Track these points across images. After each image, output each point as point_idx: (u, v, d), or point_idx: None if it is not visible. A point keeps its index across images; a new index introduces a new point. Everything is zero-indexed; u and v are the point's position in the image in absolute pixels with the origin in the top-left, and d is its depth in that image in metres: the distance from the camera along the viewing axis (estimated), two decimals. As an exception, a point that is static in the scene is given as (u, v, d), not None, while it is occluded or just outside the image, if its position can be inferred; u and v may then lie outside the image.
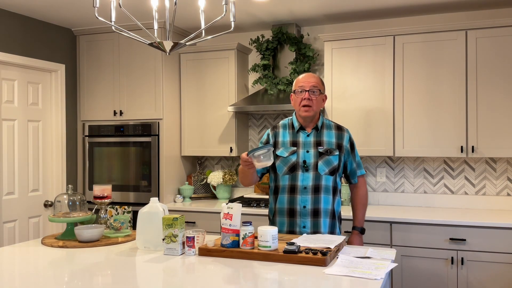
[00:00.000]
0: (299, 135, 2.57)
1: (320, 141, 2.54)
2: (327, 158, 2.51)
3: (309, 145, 2.54)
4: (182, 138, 4.32)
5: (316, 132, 2.57)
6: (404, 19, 3.97)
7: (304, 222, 2.50)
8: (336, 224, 2.58)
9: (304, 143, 2.55)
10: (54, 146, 4.15)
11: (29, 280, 1.91)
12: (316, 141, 2.55)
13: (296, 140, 2.57)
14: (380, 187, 4.04)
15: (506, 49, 3.41)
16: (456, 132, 3.52)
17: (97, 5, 2.10)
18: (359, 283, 1.80)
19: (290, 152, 2.54)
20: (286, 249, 2.08)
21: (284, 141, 2.59)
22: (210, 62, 4.21)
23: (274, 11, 3.82)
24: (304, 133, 2.57)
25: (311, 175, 2.50)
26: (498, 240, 3.14)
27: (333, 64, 3.83)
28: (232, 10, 2.20)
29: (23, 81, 3.88)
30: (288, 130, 2.61)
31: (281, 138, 2.60)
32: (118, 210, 2.77)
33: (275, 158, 2.57)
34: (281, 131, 2.62)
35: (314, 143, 2.54)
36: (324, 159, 2.51)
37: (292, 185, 2.53)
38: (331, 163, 2.52)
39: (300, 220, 2.50)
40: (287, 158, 2.54)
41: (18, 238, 3.81)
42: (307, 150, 2.53)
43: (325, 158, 2.51)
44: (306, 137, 2.56)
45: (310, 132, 2.57)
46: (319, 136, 2.56)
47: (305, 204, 2.50)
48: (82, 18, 3.99)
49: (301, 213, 2.51)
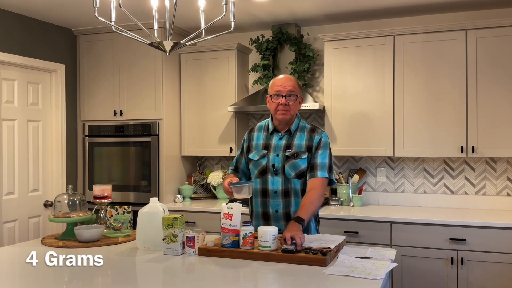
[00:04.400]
0: (272, 137, 2.56)
1: (290, 144, 2.51)
2: (293, 162, 2.47)
3: (279, 148, 2.52)
4: (182, 138, 4.32)
5: (289, 135, 2.54)
6: (404, 19, 3.96)
7: (279, 226, 2.47)
8: (311, 225, 2.52)
9: (276, 147, 2.53)
10: (54, 146, 4.15)
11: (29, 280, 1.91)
12: (286, 144, 2.51)
13: (269, 143, 2.55)
14: (380, 187, 4.04)
15: (506, 49, 3.41)
16: (456, 132, 3.52)
17: (97, 5, 2.10)
18: (359, 283, 1.80)
19: (261, 155, 2.54)
20: (284, 248, 2.08)
21: (258, 144, 2.58)
22: (210, 62, 4.21)
23: (274, 11, 3.82)
24: (277, 136, 2.55)
25: (280, 179, 2.48)
26: (498, 240, 3.14)
27: (333, 64, 3.83)
28: (232, 10, 2.20)
29: (23, 81, 3.88)
30: (263, 133, 2.60)
31: (254, 141, 2.60)
32: (118, 210, 2.77)
33: (248, 160, 2.59)
34: (255, 134, 2.62)
35: (284, 147, 2.51)
36: (290, 163, 2.47)
37: (263, 188, 2.52)
38: (297, 166, 2.47)
39: (275, 224, 2.49)
40: (257, 161, 2.54)
41: (18, 238, 3.80)
42: (277, 153, 2.51)
43: (291, 161, 2.47)
44: (278, 140, 2.54)
45: (283, 135, 2.54)
46: (290, 139, 2.52)
47: (277, 209, 2.50)
48: (82, 18, 3.99)
49: (274, 217, 2.51)
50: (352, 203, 3.89)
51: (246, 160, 2.63)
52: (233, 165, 2.71)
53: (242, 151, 2.67)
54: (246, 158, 2.63)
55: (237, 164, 2.68)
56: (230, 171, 2.72)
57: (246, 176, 2.66)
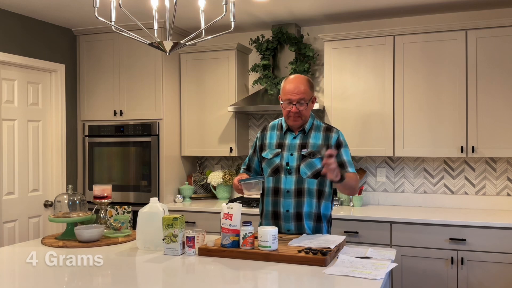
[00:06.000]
0: (286, 136, 2.55)
1: (305, 144, 2.50)
2: (309, 161, 2.45)
3: (294, 147, 2.50)
4: (182, 138, 4.32)
5: (303, 134, 2.52)
6: (404, 19, 3.96)
7: (288, 226, 2.48)
8: (323, 226, 2.51)
9: (290, 146, 2.52)
10: (54, 146, 4.15)
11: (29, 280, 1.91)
12: (301, 143, 2.50)
13: (283, 142, 2.54)
14: (380, 187, 4.04)
15: (506, 49, 3.41)
16: (456, 132, 3.52)
17: (97, 5, 2.10)
18: (359, 283, 1.80)
19: (274, 154, 2.53)
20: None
21: (271, 142, 2.58)
22: (210, 62, 4.21)
23: (274, 11, 3.82)
24: (291, 135, 2.54)
25: (293, 179, 2.47)
26: (498, 240, 3.14)
27: (333, 64, 3.83)
28: (232, 10, 2.20)
29: (23, 81, 3.88)
30: (277, 131, 2.59)
31: (268, 140, 2.59)
32: (118, 210, 2.77)
33: (261, 159, 2.58)
34: (269, 133, 2.61)
35: (299, 146, 2.50)
36: (306, 162, 2.46)
37: (275, 187, 2.51)
38: (314, 166, 2.45)
39: (284, 224, 2.49)
40: (271, 160, 2.53)
41: (18, 238, 3.80)
42: (291, 153, 2.50)
43: (307, 161, 2.46)
44: (292, 139, 2.53)
45: (297, 134, 2.53)
46: (305, 139, 2.51)
47: (288, 209, 2.48)
48: (82, 18, 3.99)
49: (284, 217, 2.49)
50: (352, 203, 3.89)
51: (259, 159, 2.62)
52: (245, 164, 2.69)
53: (255, 150, 2.65)
54: (259, 157, 2.62)
55: (249, 163, 2.67)
56: (242, 170, 2.70)
57: (258, 175, 2.64)
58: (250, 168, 2.67)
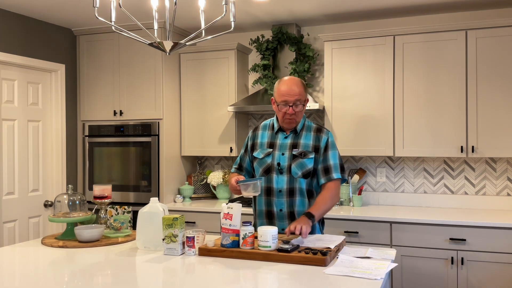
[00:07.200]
0: (277, 136, 2.56)
1: (296, 144, 2.51)
2: (300, 161, 2.47)
3: (285, 147, 2.52)
4: (182, 138, 4.32)
5: (295, 134, 2.54)
6: (404, 19, 3.97)
7: (282, 225, 2.48)
8: (316, 226, 2.51)
9: (281, 145, 2.53)
10: (54, 146, 4.15)
11: (29, 280, 1.91)
12: (292, 143, 2.51)
13: (274, 141, 2.55)
14: (380, 187, 4.04)
15: (506, 49, 3.41)
16: (456, 132, 3.52)
17: (97, 5, 2.10)
18: (359, 283, 1.80)
19: (266, 153, 2.54)
20: (280, 247, 2.08)
21: (262, 142, 2.58)
22: (210, 62, 4.21)
23: (274, 11, 3.82)
24: (282, 135, 2.55)
25: (285, 178, 2.48)
26: (498, 240, 3.14)
27: (333, 64, 3.83)
28: (232, 10, 2.20)
29: (23, 81, 3.88)
30: (268, 131, 2.60)
31: (259, 140, 2.60)
32: (118, 210, 2.77)
33: (253, 159, 2.59)
34: (260, 132, 2.62)
35: (290, 146, 2.51)
36: (297, 162, 2.47)
37: (268, 187, 2.52)
38: (304, 166, 2.47)
39: (279, 223, 2.50)
40: (262, 159, 2.54)
41: (18, 238, 3.81)
42: (282, 152, 2.51)
43: (298, 161, 2.47)
44: (283, 139, 2.54)
45: (289, 134, 2.54)
46: (296, 139, 2.52)
47: (281, 208, 2.50)
48: (82, 18, 3.99)
49: (278, 216, 2.51)
50: (352, 203, 3.89)
51: (251, 158, 2.63)
52: (237, 163, 2.70)
53: (246, 150, 2.66)
54: (250, 157, 2.63)
55: (241, 162, 2.68)
56: (233, 169, 2.71)
57: (250, 175, 2.66)
58: (242, 168, 2.68)
